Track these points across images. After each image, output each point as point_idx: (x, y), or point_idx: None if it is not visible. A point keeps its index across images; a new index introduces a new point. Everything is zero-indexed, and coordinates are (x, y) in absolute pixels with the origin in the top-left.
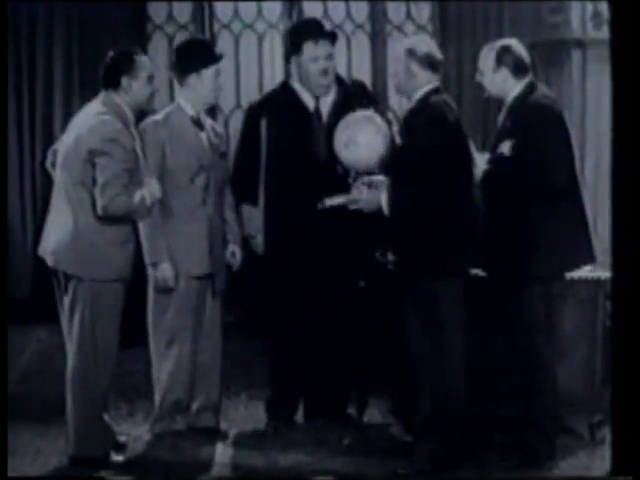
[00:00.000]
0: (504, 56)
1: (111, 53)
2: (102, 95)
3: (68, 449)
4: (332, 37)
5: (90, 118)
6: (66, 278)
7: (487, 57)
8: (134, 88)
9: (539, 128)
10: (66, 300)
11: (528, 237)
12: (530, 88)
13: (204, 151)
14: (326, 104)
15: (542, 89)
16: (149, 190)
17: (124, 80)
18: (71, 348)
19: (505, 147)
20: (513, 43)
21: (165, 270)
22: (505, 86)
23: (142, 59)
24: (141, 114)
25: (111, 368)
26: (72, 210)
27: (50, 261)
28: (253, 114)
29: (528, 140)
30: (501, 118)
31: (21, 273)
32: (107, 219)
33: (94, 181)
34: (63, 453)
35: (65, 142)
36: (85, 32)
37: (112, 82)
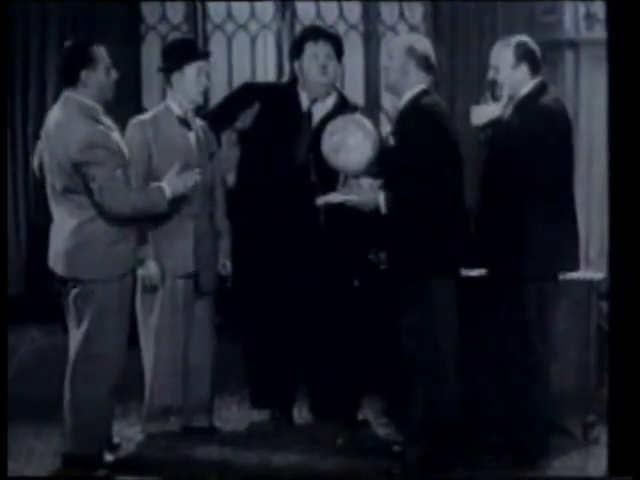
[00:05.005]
0: (523, 51)
1: (66, 46)
2: (63, 97)
3: (63, 446)
4: (333, 40)
5: (60, 130)
6: (75, 281)
7: (503, 53)
8: (93, 80)
9: (550, 133)
10: (74, 300)
11: (523, 237)
12: (542, 87)
13: (190, 150)
14: (320, 109)
15: (554, 91)
16: (170, 182)
17: (83, 74)
18: (75, 346)
19: (511, 142)
20: (527, 39)
21: (151, 267)
22: (522, 83)
23: (98, 49)
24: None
25: (121, 365)
26: (74, 217)
27: (62, 271)
28: (248, 90)
29: (536, 141)
30: (506, 114)
31: (15, 272)
32: (118, 219)
33: (88, 189)
34: (57, 453)
35: (46, 154)
36: (79, 32)
37: (71, 77)
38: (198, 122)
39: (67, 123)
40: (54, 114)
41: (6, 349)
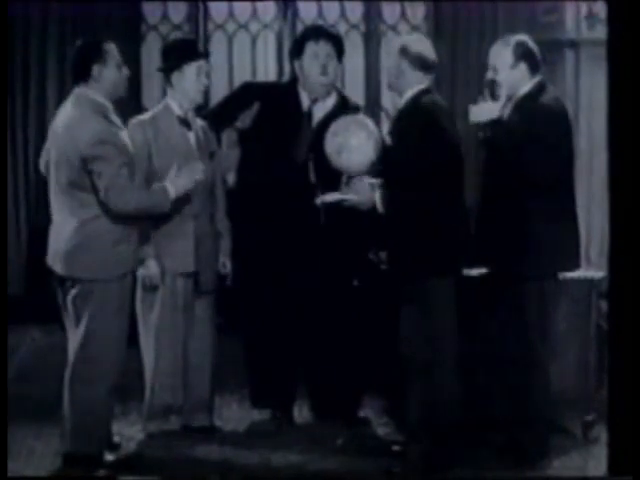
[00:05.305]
0: (522, 51)
1: (78, 44)
2: (75, 93)
3: (63, 445)
4: (334, 39)
5: (71, 125)
6: (73, 280)
7: (502, 53)
8: (105, 76)
9: (550, 133)
10: (73, 299)
11: (523, 236)
12: (541, 87)
13: (190, 150)
14: (321, 109)
15: (552, 90)
16: (172, 182)
17: (95, 69)
18: (74, 345)
19: (511, 141)
20: (526, 38)
21: (151, 267)
22: (521, 82)
23: (109, 46)
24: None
25: (121, 364)
26: (76, 215)
27: (61, 270)
28: (248, 90)
29: (536, 140)
30: (505, 113)
31: (15, 272)
32: (121, 217)
33: (94, 185)
34: (57, 453)
35: (53, 150)
36: (79, 32)
37: (83, 73)
38: (198, 122)
39: (78, 119)
40: (65, 110)
41: (6, 349)
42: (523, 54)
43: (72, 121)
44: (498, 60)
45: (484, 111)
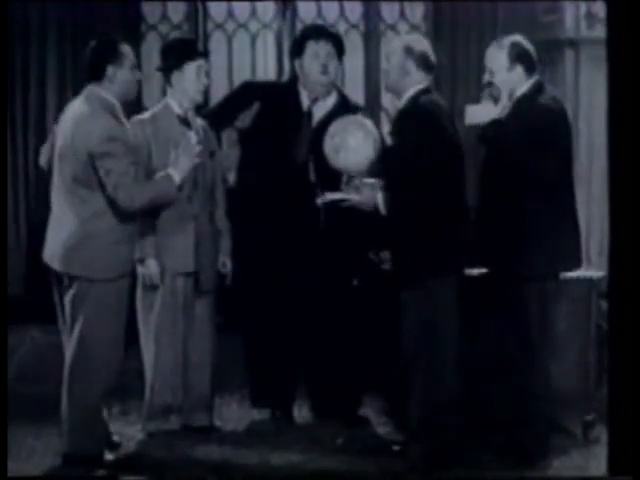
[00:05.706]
0: (517, 52)
1: (93, 43)
2: (86, 91)
3: (62, 446)
4: (334, 39)
5: (82, 120)
6: (71, 278)
7: (498, 55)
8: (119, 77)
9: (549, 132)
10: (69, 299)
11: (523, 237)
12: (538, 87)
13: None
14: (321, 108)
15: (550, 90)
16: (174, 166)
17: (109, 69)
18: (71, 346)
19: (510, 142)
20: (520, 39)
21: (151, 266)
22: (518, 84)
23: (125, 47)
24: None
25: (118, 365)
26: (76, 213)
27: (59, 267)
28: (248, 90)
29: (535, 140)
30: (503, 114)
31: (15, 272)
32: (127, 214)
33: (100, 182)
34: (57, 453)
35: (59, 145)
36: (79, 32)
37: (97, 72)
38: (198, 121)
39: (89, 115)
40: (74, 107)
41: (6, 349)
42: (518, 56)
43: (82, 117)
44: (494, 63)
45: (480, 113)
